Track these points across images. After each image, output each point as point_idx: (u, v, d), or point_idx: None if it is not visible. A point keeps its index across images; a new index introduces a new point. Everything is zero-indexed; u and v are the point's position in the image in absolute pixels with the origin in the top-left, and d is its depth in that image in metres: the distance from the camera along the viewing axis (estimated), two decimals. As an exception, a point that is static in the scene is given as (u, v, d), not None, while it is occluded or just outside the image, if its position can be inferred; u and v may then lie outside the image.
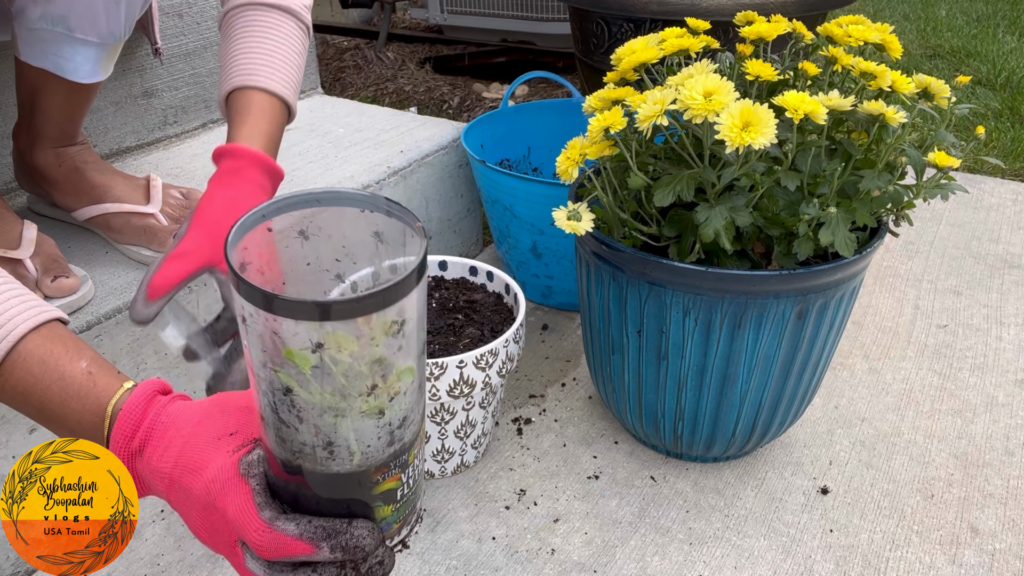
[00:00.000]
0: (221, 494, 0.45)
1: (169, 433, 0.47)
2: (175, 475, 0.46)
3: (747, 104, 0.61)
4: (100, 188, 0.89)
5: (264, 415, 0.42)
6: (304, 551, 0.43)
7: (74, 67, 0.80)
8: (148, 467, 0.47)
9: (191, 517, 0.47)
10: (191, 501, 0.46)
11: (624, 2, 1.37)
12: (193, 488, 0.46)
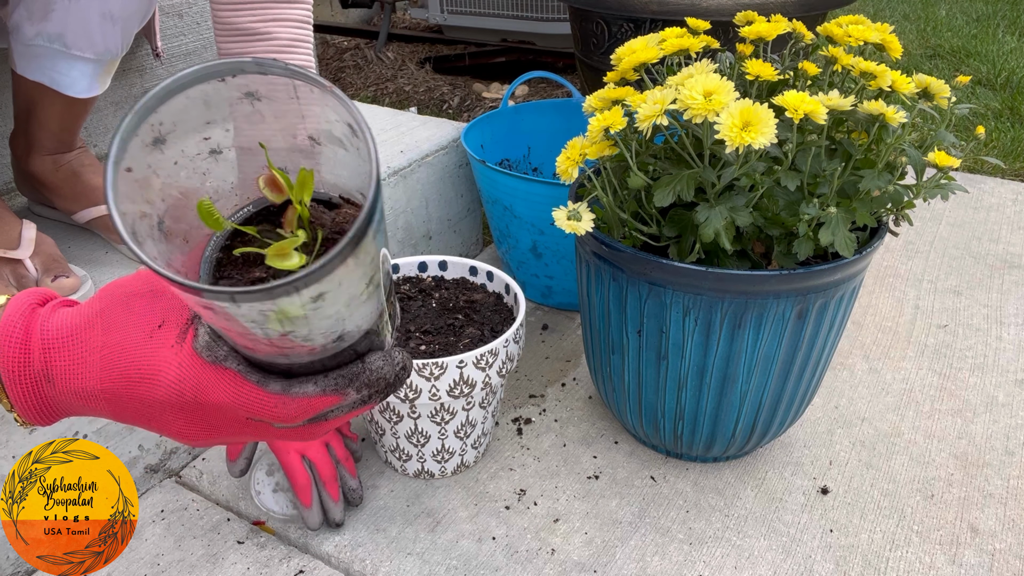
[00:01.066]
0: (202, 390, 0.41)
1: (77, 348, 0.42)
2: (116, 390, 0.42)
3: (747, 104, 0.61)
4: (98, 190, 0.89)
5: (253, 346, 0.39)
6: (332, 402, 0.41)
7: (70, 82, 0.79)
8: (68, 391, 0.42)
9: (168, 423, 0.43)
10: (159, 410, 0.42)
11: (624, 2, 1.37)
12: (155, 396, 0.42)
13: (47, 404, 0.43)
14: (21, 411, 0.43)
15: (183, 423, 0.43)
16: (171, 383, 0.41)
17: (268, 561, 0.75)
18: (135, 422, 0.44)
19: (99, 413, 0.44)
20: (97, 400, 0.42)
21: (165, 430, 0.43)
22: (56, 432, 0.75)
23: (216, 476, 0.85)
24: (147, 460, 0.84)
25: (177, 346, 0.41)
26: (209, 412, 0.42)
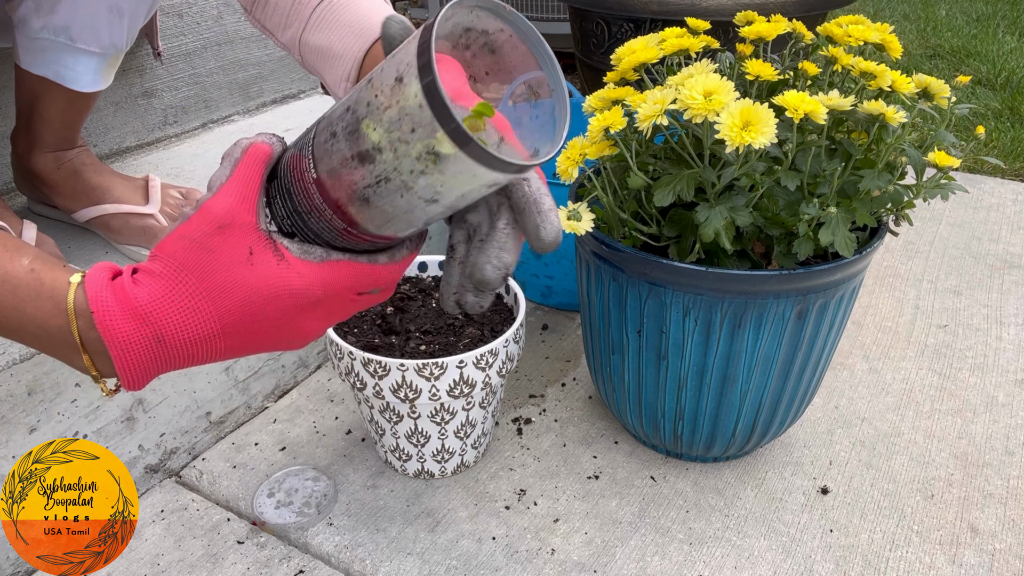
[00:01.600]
0: (329, 284, 0.44)
1: (180, 301, 0.44)
2: (240, 323, 0.44)
3: (747, 104, 0.61)
4: (99, 190, 0.89)
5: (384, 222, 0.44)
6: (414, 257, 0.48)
7: (75, 76, 0.80)
8: (181, 344, 0.44)
9: (299, 328, 0.45)
10: (292, 318, 0.45)
11: (624, 2, 1.37)
12: (287, 307, 0.44)
13: (154, 364, 0.44)
14: (126, 378, 0.44)
15: (314, 320, 0.45)
16: (302, 290, 0.44)
17: (268, 561, 0.75)
18: (257, 345, 0.46)
19: (210, 356, 0.45)
20: (214, 340, 0.44)
21: (296, 336, 0.46)
22: (56, 433, 0.75)
23: (216, 476, 0.85)
24: (147, 460, 0.84)
25: (284, 262, 0.44)
26: (332, 302, 0.45)
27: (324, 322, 0.47)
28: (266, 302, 0.44)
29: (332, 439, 0.90)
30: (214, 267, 0.44)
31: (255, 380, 0.94)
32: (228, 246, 0.44)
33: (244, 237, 0.44)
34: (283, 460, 0.87)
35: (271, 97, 1.36)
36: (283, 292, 0.44)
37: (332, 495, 0.82)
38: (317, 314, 0.46)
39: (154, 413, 0.83)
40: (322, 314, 0.46)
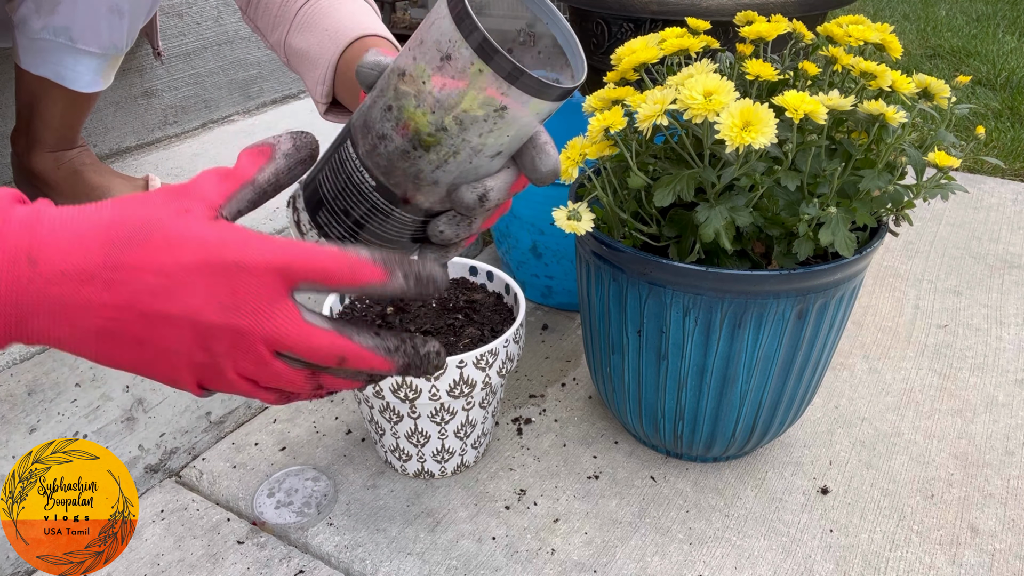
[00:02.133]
0: (246, 251, 0.37)
1: (76, 224, 0.36)
2: (128, 262, 0.35)
3: (747, 104, 0.61)
4: (99, 189, 0.89)
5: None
6: (377, 277, 0.39)
7: (75, 76, 0.80)
8: (55, 273, 0.35)
9: (187, 294, 0.36)
10: (182, 276, 0.36)
11: (624, 2, 1.37)
12: (183, 261, 0.36)
13: (17, 297, 0.35)
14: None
15: (204, 295, 0.37)
16: (213, 244, 0.36)
17: (268, 561, 0.75)
18: (139, 304, 0.36)
19: (85, 313, 0.36)
20: (93, 283, 0.35)
21: (174, 304, 0.36)
22: (56, 433, 0.75)
23: (216, 476, 0.85)
24: (147, 460, 0.84)
25: (218, 220, 0.38)
26: (238, 281, 0.37)
27: (218, 306, 0.37)
28: (167, 246, 0.36)
29: (332, 439, 0.90)
30: (142, 203, 0.37)
31: (255, 380, 0.94)
32: (169, 200, 0.38)
33: (191, 200, 0.38)
34: (283, 460, 0.87)
35: (271, 97, 1.36)
36: (189, 241, 0.36)
37: (332, 495, 0.82)
38: (214, 284, 0.36)
39: (154, 413, 0.83)
40: (220, 289, 0.36)
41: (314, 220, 0.46)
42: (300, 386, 0.41)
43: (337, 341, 0.40)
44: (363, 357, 0.41)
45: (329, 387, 0.43)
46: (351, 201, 0.45)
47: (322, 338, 0.39)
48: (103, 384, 0.78)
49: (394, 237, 0.46)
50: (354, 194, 0.44)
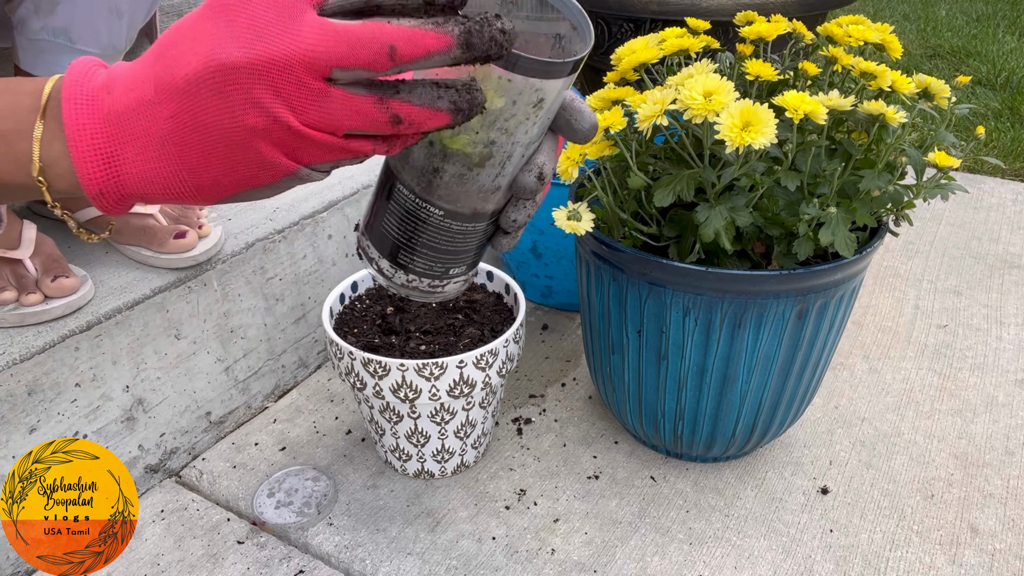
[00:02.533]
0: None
1: (156, 46, 0.37)
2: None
3: (747, 104, 0.61)
4: (100, 188, 0.89)
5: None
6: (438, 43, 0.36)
7: None
8: (145, 80, 0.37)
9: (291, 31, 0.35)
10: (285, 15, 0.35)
11: (624, 2, 1.37)
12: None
13: (106, 125, 0.37)
14: (76, 153, 0.38)
15: (222, 36, 0.36)
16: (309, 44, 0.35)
17: (268, 561, 0.75)
18: (169, 77, 0.37)
19: (151, 125, 0.37)
20: (145, 87, 0.37)
21: (196, 58, 0.36)
22: (56, 433, 0.75)
23: (216, 476, 0.85)
24: (147, 460, 0.84)
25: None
26: (254, 9, 0.35)
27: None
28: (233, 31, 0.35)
29: (332, 439, 0.90)
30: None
31: (255, 380, 0.94)
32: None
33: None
34: (283, 460, 0.87)
35: (271, 97, 1.36)
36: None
37: (332, 495, 0.82)
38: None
39: (154, 413, 0.83)
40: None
41: (396, 263, 0.47)
42: (373, 117, 0.37)
43: (377, 27, 0.36)
44: (413, 38, 0.36)
45: (408, 118, 0.38)
46: (426, 235, 0.45)
47: (360, 29, 0.36)
48: (103, 384, 0.78)
49: (476, 246, 0.47)
50: (426, 228, 0.45)
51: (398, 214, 0.45)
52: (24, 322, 0.74)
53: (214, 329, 0.87)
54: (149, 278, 0.83)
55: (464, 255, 0.48)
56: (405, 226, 0.45)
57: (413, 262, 0.46)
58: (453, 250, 0.47)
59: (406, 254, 0.46)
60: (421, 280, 0.47)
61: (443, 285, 0.49)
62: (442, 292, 0.49)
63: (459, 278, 0.50)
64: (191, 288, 0.84)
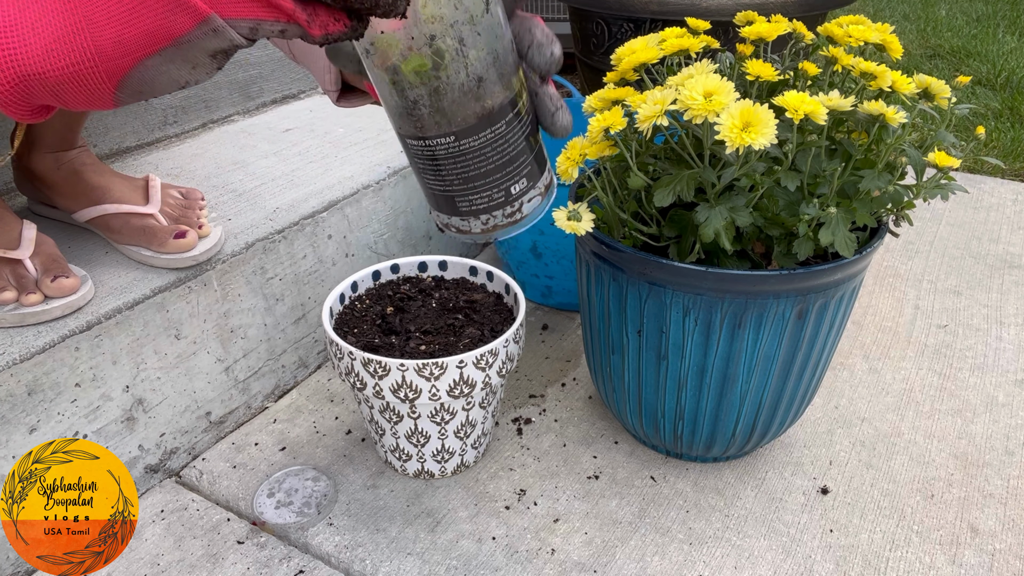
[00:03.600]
0: None
1: None
2: None
3: (747, 104, 0.61)
4: (99, 190, 0.89)
5: None
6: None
7: None
8: None
9: None
10: None
11: (624, 2, 1.37)
12: None
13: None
14: None
15: None
16: None
17: (268, 561, 0.75)
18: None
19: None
20: None
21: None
22: (56, 433, 0.75)
23: (216, 476, 0.85)
24: (147, 460, 0.84)
25: None
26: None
27: None
28: None
29: (332, 439, 0.90)
30: None
31: (255, 380, 0.94)
32: None
33: None
34: (283, 460, 0.87)
35: (271, 97, 1.36)
36: None
37: (332, 495, 0.82)
38: None
39: (154, 413, 0.83)
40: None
41: (460, 213, 0.45)
42: None
43: None
44: None
45: None
46: (460, 169, 0.44)
47: None
48: (103, 384, 0.78)
49: (515, 153, 0.45)
50: (454, 163, 0.43)
51: (429, 169, 0.44)
52: (24, 322, 0.74)
53: (214, 329, 0.87)
54: (149, 278, 0.83)
55: (512, 168, 0.45)
56: (440, 174, 0.44)
57: (473, 203, 0.45)
58: (495, 169, 0.44)
59: (462, 199, 0.45)
60: (494, 215, 0.45)
61: (518, 209, 0.46)
62: (522, 216, 0.46)
63: (529, 195, 0.47)
64: (191, 288, 0.84)
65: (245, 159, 1.13)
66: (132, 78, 0.36)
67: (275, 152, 1.15)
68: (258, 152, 1.15)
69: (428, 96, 0.42)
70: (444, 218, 0.47)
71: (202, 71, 0.37)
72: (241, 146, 1.17)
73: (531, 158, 0.47)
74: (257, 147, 1.17)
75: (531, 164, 0.47)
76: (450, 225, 0.47)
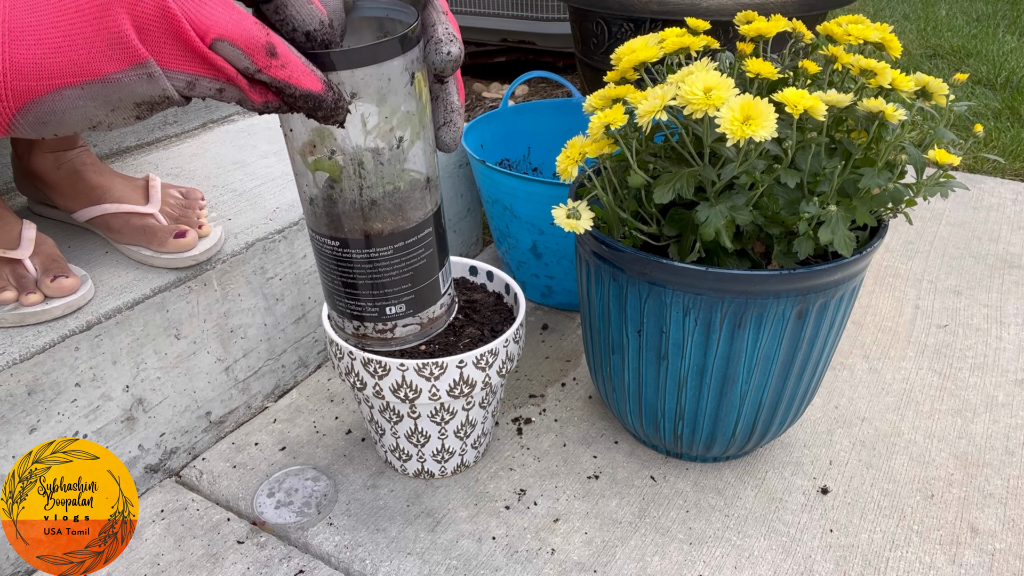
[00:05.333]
0: None
1: None
2: None
3: (747, 98, 0.61)
4: (99, 189, 0.89)
5: None
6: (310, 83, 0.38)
7: None
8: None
9: None
10: None
11: (624, 2, 1.37)
12: None
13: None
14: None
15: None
16: None
17: (268, 561, 0.75)
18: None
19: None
20: None
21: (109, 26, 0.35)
22: (56, 433, 0.75)
23: (216, 476, 0.85)
24: (147, 460, 0.84)
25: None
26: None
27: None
28: None
29: (332, 439, 0.90)
30: None
31: (255, 380, 0.94)
32: None
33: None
34: (283, 460, 0.87)
35: (271, 97, 1.36)
36: None
37: (332, 495, 0.82)
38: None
39: (154, 413, 0.83)
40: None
41: (337, 309, 0.47)
42: (252, 33, 0.36)
43: (263, 29, 0.37)
44: (288, 56, 0.37)
45: (283, 57, 0.38)
46: (339, 271, 0.45)
47: (247, 17, 0.36)
48: (103, 384, 0.78)
49: (399, 278, 0.47)
50: (336, 264, 0.45)
51: (316, 257, 0.45)
52: (24, 322, 0.74)
53: (214, 329, 0.87)
54: (149, 278, 0.83)
55: (392, 290, 0.46)
56: (324, 267, 0.45)
57: (347, 306, 0.45)
58: (372, 285, 0.45)
59: (338, 298, 0.45)
60: (365, 325, 0.46)
61: (391, 329, 0.47)
62: (393, 338, 0.47)
63: (405, 320, 0.48)
64: (191, 288, 0.84)
65: (245, 159, 1.13)
66: (42, 105, 0.34)
67: (275, 152, 1.15)
68: (258, 152, 1.15)
69: (322, 199, 0.43)
70: (328, 307, 0.48)
71: (120, 116, 0.36)
72: (241, 146, 1.17)
73: (416, 288, 0.47)
74: (257, 147, 1.17)
75: (414, 295, 0.47)
76: (331, 316, 0.48)
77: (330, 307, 0.47)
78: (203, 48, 0.35)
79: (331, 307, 0.47)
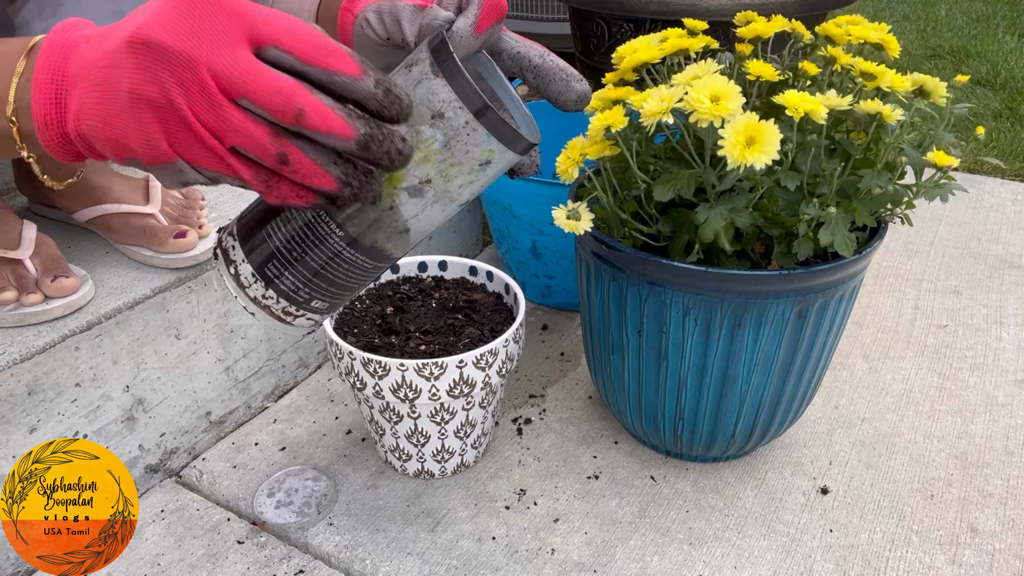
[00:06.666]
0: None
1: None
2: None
3: (752, 119, 0.61)
4: (99, 189, 0.89)
5: None
6: (349, 69, 0.39)
7: None
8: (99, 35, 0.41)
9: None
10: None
11: (624, 2, 1.37)
12: None
13: (69, 69, 0.41)
14: (36, 84, 0.41)
15: (163, 18, 0.39)
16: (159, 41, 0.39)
17: (268, 561, 0.75)
18: (114, 33, 0.40)
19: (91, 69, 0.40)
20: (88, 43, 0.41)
21: (130, 25, 0.40)
22: (56, 433, 0.75)
23: (216, 476, 0.85)
24: (147, 460, 0.84)
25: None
26: (202, 12, 0.39)
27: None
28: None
29: (332, 439, 0.90)
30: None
31: (255, 380, 0.94)
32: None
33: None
34: (283, 460, 0.87)
35: (271, 97, 1.36)
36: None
37: (332, 495, 0.82)
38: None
39: (154, 413, 0.83)
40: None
41: (261, 272, 0.44)
42: (263, 144, 0.39)
43: (296, 88, 0.38)
44: (323, 114, 0.38)
45: (295, 163, 0.39)
46: (312, 255, 0.44)
47: (279, 80, 0.38)
48: (103, 384, 0.78)
49: (350, 287, 0.46)
50: (318, 248, 0.44)
51: (294, 223, 0.43)
52: (24, 322, 0.75)
53: (214, 329, 0.87)
54: (149, 278, 0.83)
55: (335, 292, 0.46)
56: (296, 237, 0.43)
57: (281, 278, 0.44)
58: (329, 281, 0.45)
59: (278, 266, 0.44)
60: (278, 301, 0.45)
61: (296, 316, 0.46)
62: (290, 324, 0.46)
63: (315, 315, 0.47)
64: (191, 288, 0.84)
65: (245, 159, 1.12)
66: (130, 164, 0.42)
67: (275, 152, 1.15)
68: (258, 152, 1.15)
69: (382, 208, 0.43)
70: (239, 254, 0.45)
71: (167, 182, 0.43)
72: (241, 146, 1.17)
73: (344, 299, 0.48)
74: (257, 147, 1.17)
75: (341, 300, 0.48)
76: (235, 264, 0.45)
77: (249, 259, 0.45)
78: (219, 147, 0.39)
79: (253, 262, 0.45)
